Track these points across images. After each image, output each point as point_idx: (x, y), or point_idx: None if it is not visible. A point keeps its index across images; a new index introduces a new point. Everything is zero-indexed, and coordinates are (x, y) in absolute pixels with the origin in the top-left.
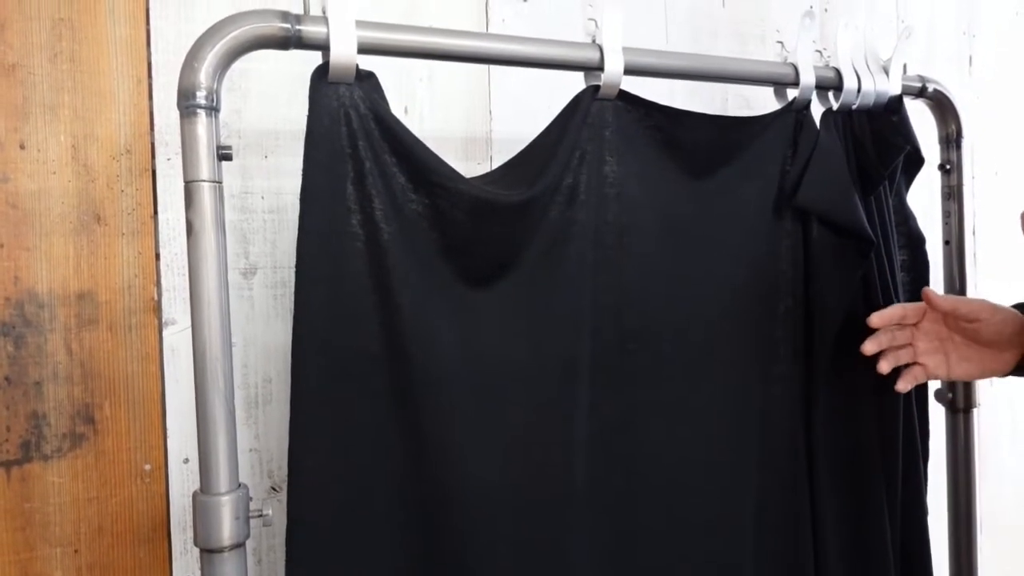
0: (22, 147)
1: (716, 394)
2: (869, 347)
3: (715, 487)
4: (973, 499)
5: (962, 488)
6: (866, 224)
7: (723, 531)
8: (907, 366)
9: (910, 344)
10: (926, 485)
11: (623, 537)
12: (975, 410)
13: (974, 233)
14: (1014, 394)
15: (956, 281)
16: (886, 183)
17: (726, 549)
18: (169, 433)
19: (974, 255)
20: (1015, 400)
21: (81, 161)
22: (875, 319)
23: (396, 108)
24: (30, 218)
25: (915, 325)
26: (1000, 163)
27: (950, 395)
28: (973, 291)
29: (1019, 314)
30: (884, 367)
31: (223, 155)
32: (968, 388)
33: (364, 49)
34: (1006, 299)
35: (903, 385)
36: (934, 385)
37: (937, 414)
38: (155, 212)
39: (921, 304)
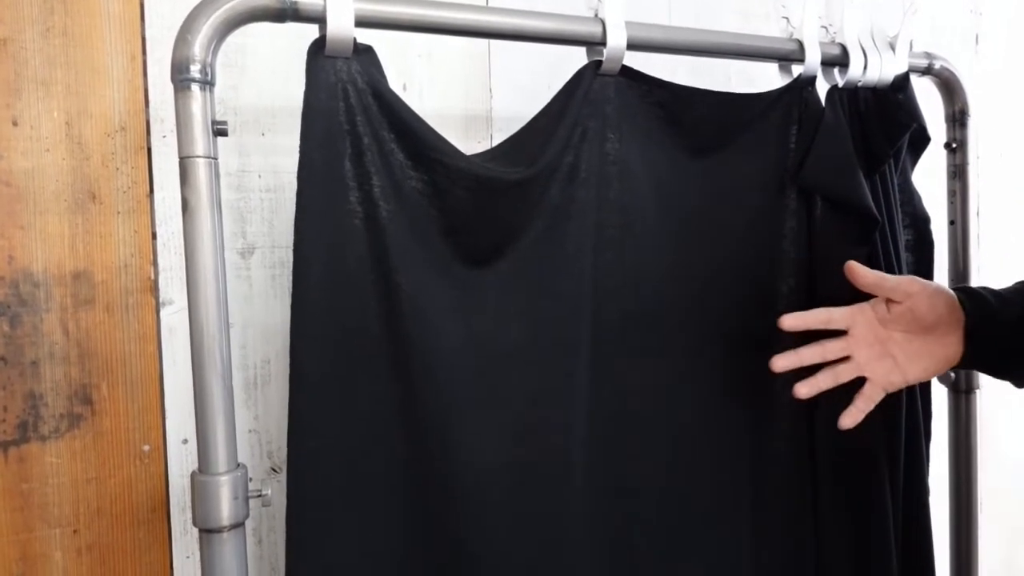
0: (15, 124)
1: (718, 374)
2: (780, 363)
3: (716, 467)
4: (974, 480)
5: (963, 468)
6: (871, 203)
7: (723, 512)
8: (854, 388)
9: (848, 357)
10: (928, 465)
11: (622, 518)
12: (977, 391)
13: (978, 214)
14: None
15: (960, 261)
16: (891, 162)
17: (726, 530)
18: (167, 413)
19: (978, 235)
20: None
21: (75, 138)
22: (788, 320)
23: (394, 85)
24: (24, 196)
25: (847, 334)
26: (1005, 144)
27: (952, 376)
28: (976, 271)
29: (943, 287)
30: (803, 391)
31: (218, 130)
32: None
33: (362, 22)
34: (1008, 280)
35: (849, 419)
36: None
37: (939, 395)
38: (151, 190)
39: (850, 308)
